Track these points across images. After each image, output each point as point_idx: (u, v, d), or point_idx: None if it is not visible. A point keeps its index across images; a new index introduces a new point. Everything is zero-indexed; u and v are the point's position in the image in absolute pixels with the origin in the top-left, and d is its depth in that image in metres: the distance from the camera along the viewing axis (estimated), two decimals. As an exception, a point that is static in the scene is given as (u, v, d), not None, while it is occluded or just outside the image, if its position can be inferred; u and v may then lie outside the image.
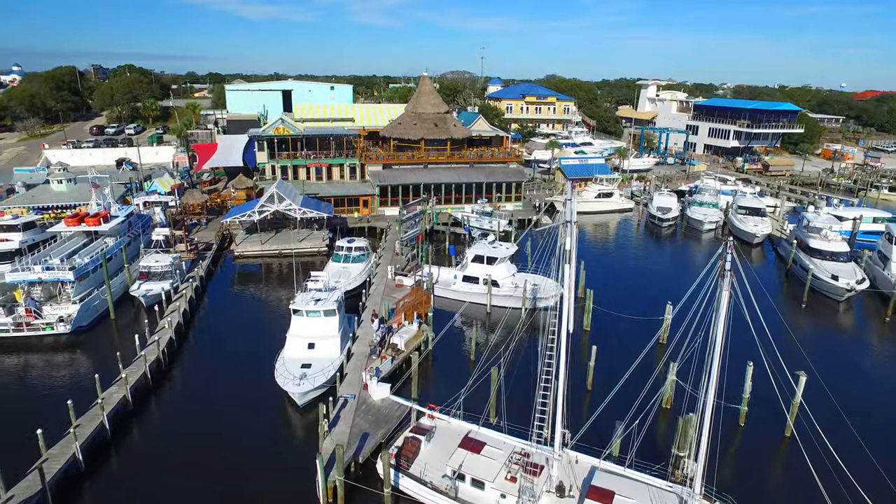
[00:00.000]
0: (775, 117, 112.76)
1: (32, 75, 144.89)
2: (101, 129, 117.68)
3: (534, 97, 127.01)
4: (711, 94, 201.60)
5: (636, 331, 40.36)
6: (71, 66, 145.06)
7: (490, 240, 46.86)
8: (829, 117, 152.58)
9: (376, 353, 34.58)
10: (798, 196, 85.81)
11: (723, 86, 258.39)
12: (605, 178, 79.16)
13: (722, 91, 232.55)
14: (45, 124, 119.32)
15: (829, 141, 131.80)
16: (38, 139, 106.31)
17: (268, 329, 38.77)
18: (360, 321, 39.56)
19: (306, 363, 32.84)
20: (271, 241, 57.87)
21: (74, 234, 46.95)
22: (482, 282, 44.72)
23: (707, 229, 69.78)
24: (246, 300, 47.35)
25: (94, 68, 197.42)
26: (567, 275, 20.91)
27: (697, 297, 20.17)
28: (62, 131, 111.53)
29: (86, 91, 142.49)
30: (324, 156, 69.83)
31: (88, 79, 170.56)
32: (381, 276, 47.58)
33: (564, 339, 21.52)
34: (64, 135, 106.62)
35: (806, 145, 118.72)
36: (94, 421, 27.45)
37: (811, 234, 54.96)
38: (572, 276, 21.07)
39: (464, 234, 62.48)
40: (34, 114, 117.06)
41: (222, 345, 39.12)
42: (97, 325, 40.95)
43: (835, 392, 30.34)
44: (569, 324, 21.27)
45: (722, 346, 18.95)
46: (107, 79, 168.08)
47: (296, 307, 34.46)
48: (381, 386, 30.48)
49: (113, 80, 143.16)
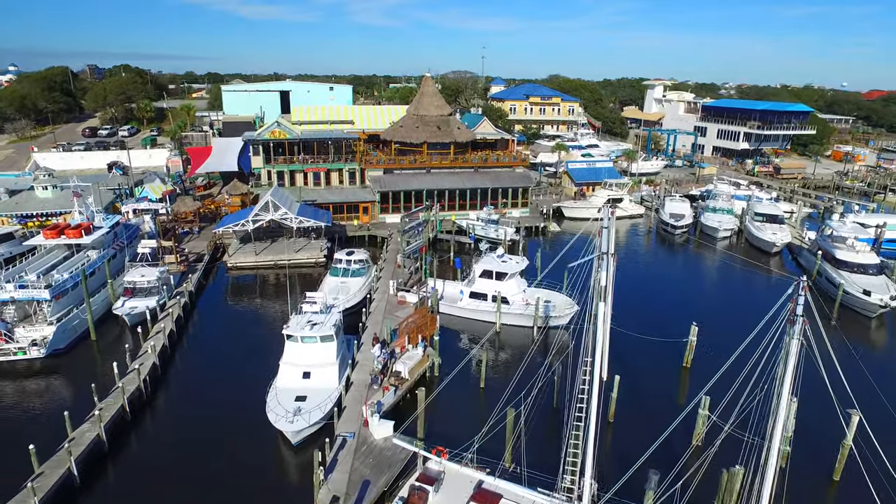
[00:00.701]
0: (786, 118, 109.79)
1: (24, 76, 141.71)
2: (94, 131, 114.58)
3: (538, 98, 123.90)
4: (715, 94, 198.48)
5: (657, 353, 37.46)
6: (63, 67, 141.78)
7: (499, 253, 43.81)
8: (838, 118, 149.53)
9: (377, 383, 31.59)
10: (812, 200, 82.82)
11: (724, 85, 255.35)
12: (614, 183, 76.05)
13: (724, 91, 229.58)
14: (35, 126, 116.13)
15: (838, 142, 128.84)
16: (28, 142, 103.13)
17: (261, 351, 35.74)
18: (360, 344, 36.55)
19: (301, 395, 29.85)
20: (266, 252, 54.88)
21: (55, 247, 43.95)
22: (491, 299, 41.72)
23: (722, 237, 66.73)
24: (238, 317, 44.22)
25: (89, 68, 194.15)
26: (601, 314, 17.89)
27: (724, 316, 17.15)
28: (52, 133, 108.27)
29: (79, 92, 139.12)
30: (322, 160, 66.76)
31: (84, 79, 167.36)
32: (383, 292, 44.58)
33: (597, 386, 18.53)
34: (54, 137, 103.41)
35: (816, 147, 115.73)
36: (60, 468, 24.43)
37: (836, 244, 51.98)
38: (608, 316, 18.05)
39: (469, 244, 59.48)
40: (25, 115, 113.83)
41: (211, 371, 35.99)
42: (76, 347, 37.85)
43: (882, 430, 27.35)
44: (602, 370, 18.27)
45: (788, 404, 15.92)
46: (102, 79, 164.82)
47: (289, 332, 31.47)
48: (383, 423, 27.49)
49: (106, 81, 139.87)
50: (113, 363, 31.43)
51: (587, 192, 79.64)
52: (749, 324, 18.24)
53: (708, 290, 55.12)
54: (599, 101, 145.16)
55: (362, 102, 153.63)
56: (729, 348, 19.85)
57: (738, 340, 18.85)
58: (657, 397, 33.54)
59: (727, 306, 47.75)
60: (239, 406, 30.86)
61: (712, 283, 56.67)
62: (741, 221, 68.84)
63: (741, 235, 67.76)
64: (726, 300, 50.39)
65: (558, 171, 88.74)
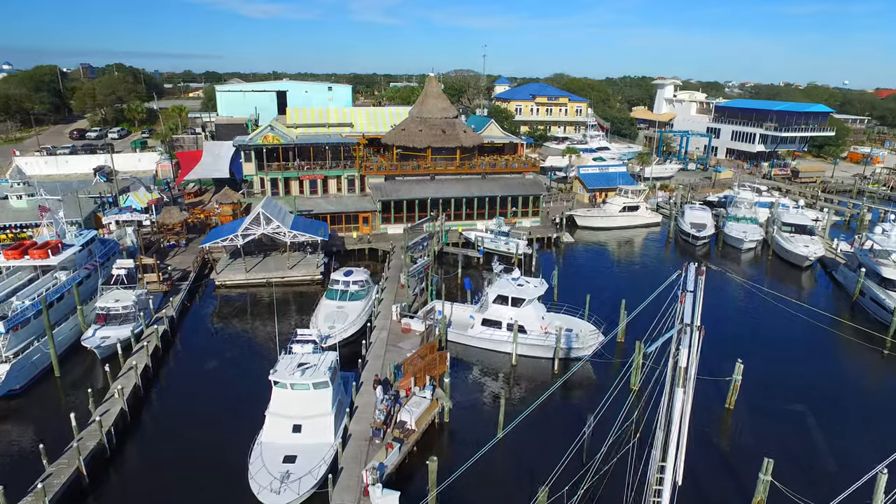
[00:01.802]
0: (804, 119, 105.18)
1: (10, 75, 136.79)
2: (82, 134, 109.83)
3: (544, 98, 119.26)
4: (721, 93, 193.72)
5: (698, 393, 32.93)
6: (52, 66, 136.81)
7: (515, 275, 39.26)
8: (852, 118, 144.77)
9: (380, 437, 27.13)
10: (835, 206, 78.20)
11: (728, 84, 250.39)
12: (630, 190, 71.49)
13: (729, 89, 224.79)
14: (21, 128, 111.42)
15: (853, 143, 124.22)
16: (12, 144, 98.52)
17: (250, 392, 31.03)
18: (360, 383, 32.06)
19: (290, 454, 25.40)
20: (258, 268, 50.42)
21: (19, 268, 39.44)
22: (506, 327, 37.24)
23: (747, 248, 62.19)
24: (225, 347, 39.20)
25: (82, 67, 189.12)
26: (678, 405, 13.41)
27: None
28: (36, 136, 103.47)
29: (68, 92, 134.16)
30: (319, 167, 62.19)
31: (75, 79, 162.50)
32: (385, 317, 40.04)
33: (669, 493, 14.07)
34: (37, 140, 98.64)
35: (832, 148, 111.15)
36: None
37: (880, 259, 47.54)
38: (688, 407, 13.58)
39: (477, 258, 55.00)
40: (10, 117, 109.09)
41: (188, 419, 30.68)
42: (36, 386, 33.26)
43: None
44: (677, 473, 13.82)
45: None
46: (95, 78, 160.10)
47: (277, 378, 26.98)
48: (387, 495, 23.00)
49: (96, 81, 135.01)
50: (71, 414, 26.78)
51: (599, 198, 75.21)
52: (802, 360, 13.65)
53: (748, 316, 46.36)
54: (607, 101, 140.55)
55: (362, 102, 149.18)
56: (780, 390, 15.24)
57: (792, 382, 14.30)
58: (698, 445, 29.02)
59: (772, 338, 41.86)
60: (217, 468, 26.26)
61: (752, 307, 47.39)
62: (766, 231, 64.39)
63: (766, 246, 63.23)
64: (770, 329, 43.39)
65: (569, 175, 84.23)
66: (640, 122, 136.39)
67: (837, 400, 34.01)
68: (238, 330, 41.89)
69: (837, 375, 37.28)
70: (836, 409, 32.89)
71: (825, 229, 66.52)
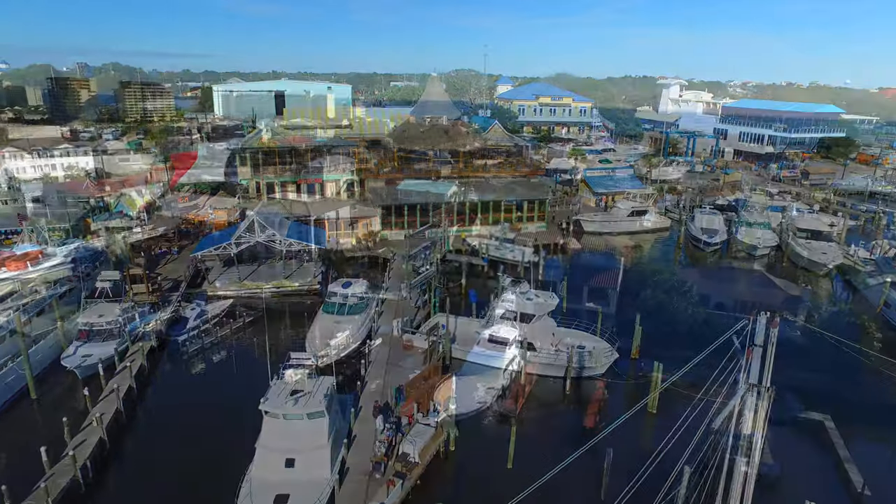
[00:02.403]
0: (814, 120, 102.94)
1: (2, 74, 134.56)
2: (76, 134, 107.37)
3: (548, 98, 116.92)
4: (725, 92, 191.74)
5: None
6: (46, 65, 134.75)
7: (523, 289, 36.96)
8: (861, 118, 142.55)
9: (380, 472, 24.88)
10: (849, 210, 75.84)
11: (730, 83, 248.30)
12: (638, 193, 69.20)
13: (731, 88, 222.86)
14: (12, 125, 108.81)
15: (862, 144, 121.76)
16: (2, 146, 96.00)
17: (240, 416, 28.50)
18: (359, 408, 29.78)
19: (282, 493, 23.13)
20: (253, 277, 48.10)
21: None
22: (515, 344, 34.96)
23: (761, 255, 59.84)
24: (216, 367, 36.60)
25: (78, 66, 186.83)
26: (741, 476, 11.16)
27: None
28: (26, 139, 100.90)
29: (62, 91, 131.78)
30: (316, 170, 59.89)
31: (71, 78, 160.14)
32: (385, 333, 37.73)
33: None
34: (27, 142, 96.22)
35: (841, 149, 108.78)
36: None
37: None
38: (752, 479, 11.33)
39: (481, 265, 52.68)
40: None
41: (172, 451, 27.97)
42: (10, 410, 30.97)
43: None
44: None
45: None
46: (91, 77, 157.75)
47: (268, 407, 24.70)
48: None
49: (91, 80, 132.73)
50: (41, 448, 24.46)
51: (605, 201, 72.93)
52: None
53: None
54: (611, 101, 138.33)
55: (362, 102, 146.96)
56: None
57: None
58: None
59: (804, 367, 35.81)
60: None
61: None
62: (780, 237, 62.09)
63: (780, 252, 60.89)
64: (800, 357, 36.97)
65: (574, 178, 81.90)
66: (644, 122, 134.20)
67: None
68: (230, 347, 39.36)
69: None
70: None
71: (840, 235, 64.19)
